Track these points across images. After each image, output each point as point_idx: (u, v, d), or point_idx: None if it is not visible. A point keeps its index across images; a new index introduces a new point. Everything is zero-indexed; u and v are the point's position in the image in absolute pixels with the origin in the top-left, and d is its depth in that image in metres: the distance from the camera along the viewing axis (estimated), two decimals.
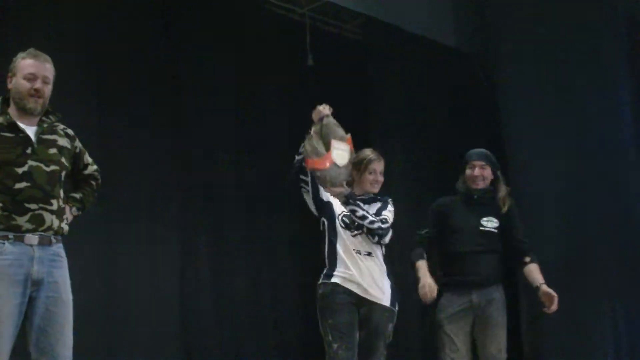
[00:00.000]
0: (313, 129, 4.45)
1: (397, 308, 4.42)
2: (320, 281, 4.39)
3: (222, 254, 6.90)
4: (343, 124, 4.67)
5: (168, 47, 6.82)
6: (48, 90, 3.59)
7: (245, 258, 7.06)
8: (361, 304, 4.32)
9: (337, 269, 4.36)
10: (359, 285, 4.31)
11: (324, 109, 4.53)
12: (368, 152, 4.60)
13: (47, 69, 3.59)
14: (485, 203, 4.84)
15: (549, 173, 7.90)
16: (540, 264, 5.83)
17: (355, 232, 4.39)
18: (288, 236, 7.41)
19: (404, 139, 8.31)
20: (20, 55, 3.61)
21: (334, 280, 4.33)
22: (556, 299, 4.64)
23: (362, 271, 4.33)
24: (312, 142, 4.38)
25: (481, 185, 4.85)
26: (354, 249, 4.37)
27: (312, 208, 4.56)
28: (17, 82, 3.53)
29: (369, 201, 4.52)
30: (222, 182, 7.05)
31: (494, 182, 4.90)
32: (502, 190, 4.88)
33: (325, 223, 4.49)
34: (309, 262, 7.48)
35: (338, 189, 4.32)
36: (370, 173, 4.53)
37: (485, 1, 8.66)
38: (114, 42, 6.36)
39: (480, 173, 4.84)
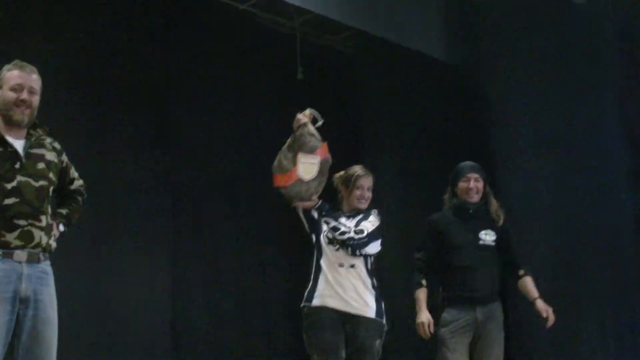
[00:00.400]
0: (288, 141, 4.39)
1: (385, 320, 4.40)
2: (304, 303, 4.39)
3: (212, 269, 6.89)
4: (333, 137, 4.66)
5: (158, 61, 6.82)
6: (35, 100, 3.53)
7: (235, 273, 7.05)
8: (346, 320, 4.30)
9: (318, 287, 4.35)
10: (341, 298, 4.29)
11: (302, 117, 4.49)
12: (357, 168, 4.61)
13: (33, 79, 3.54)
14: (480, 216, 4.82)
15: (538, 184, 7.93)
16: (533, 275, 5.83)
17: (337, 245, 4.37)
18: (277, 245, 7.40)
19: (394, 152, 8.32)
20: (6, 67, 3.56)
21: (315, 302, 4.32)
22: (552, 314, 4.69)
23: (344, 285, 4.31)
24: (280, 156, 4.35)
25: (476, 198, 4.82)
26: (337, 263, 4.35)
27: (305, 225, 4.53)
28: (3, 94, 3.48)
29: (353, 216, 4.52)
30: (212, 196, 7.05)
31: (486, 195, 4.88)
32: (494, 203, 4.87)
33: (314, 239, 4.49)
34: (299, 277, 7.50)
35: (307, 203, 4.31)
36: (357, 189, 4.54)
37: (475, 14, 8.67)
38: (106, 57, 6.35)
39: (475, 185, 4.81)
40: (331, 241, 4.38)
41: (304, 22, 7.90)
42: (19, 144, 3.49)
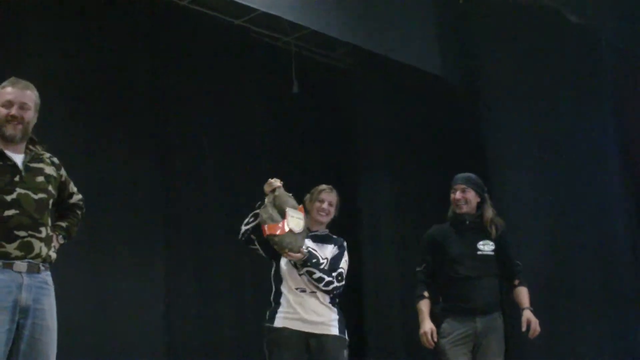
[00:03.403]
0: (266, 199, 4.52)
1: (346, 335, 4.48)
2: (266, 323, 4.46)
3: (207, 279, 6.90)
4: (328, 151, 4.74)
5: (153, 75, 6.86)
6: (27, 115, 3.56)
7: (230, 279, 7.06)
8: (309, 337, 4.38)
9: (280, 308, 4.43)
10: (304, 321, 4.39)
11: (275, 182, 4.59)
12: (322, 185, 4.76)
13: (27, 95, 3.57)
14: (478, 227, 4.83)
15: (533, 198, 7.97)
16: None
17: (302, 272, 4.44)
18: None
19: (390, 165, 8.36)
20: (3, 84, 3.61)
21: (277, 323, 4.40)
22: (537, 325, 4.68)
23: (306, 308, 4.41)
24: (267, 209, 4.46)
25: (465, 209, 4.83)
26: (299, 289, 4.44)
27: (262, 253, 4.62)
28: None
29: (323, 239, 4.62)
30: (207, 206, 7.07)
31: (481, 205, 4.89)
32: (488, 213, 4.87)
33: (274, 265, 4.57)
34: None
35: (296, 255, 4.38)
36: (319, 201, 4.66)
37: (471, 30, 8.74)
38: (100, 71, 6.39)
39: (461, 196, 4.83)
40: (295, 265, 4.44)
41: (299, 37, 7.95)
42: (18, 158, 3.54)
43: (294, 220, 4.46)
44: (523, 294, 4.81)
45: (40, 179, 3.57)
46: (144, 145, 6.67)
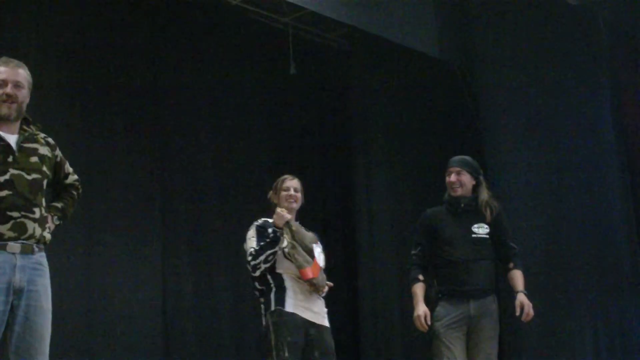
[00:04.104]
0: (286, 237, 4.54)
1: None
2: (276, 307, 4.49)
3: (204, 265, 6.90)
4: (325, 132, 4.72)
5: (149, 57, 6.82)
6: (22, 94, 3.55)
7: (227, 268, 7.05)
8: (309, 326, 4.48)
9: (288, 294, 4.51)
10: (311, 311, 4.51)
11: (285, 213, 4.60)
12: (283, 175, 4.84)
13: (20, 74, 3.56)
14: (473, 210, 4.80)
15: (528, 182, 7.97)
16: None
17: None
18: None
19: (386, 147, 8.34)
20: None
21: (288, 308, 4.47)
22: (530, 309, 4.65)
23: (309, 298, 4.53)
24: (300, 251, 4.51)
25: (459, 191, 4.80)
26: (299, 277, 4.52)
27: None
28: None
29: (313, 239, 4.69)
30: (204, 190, 7.06)
31: (476, 188, 4.86)
32: (484, 195, 4.83)
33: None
34: None
35: (325, 289, 4.60)
36: (285, 190, 4.73)
37: (468, 12, 8.71)
38: (96, 54, 6.35)
39: (456, 179, 4.80)
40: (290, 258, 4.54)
41: (296, 18, 7.91)
42: (11, 139, 3.51)
43: (320, 257, 4.61)
44: (517, 277, 4.77)
45: (34, 159, 3.54)
46: (140, 129, 6.64)
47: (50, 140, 3.72)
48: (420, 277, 4.76)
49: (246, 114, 7.52)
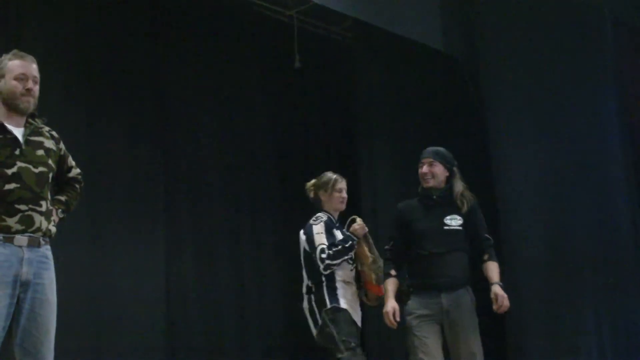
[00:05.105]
0: (365, 248, 4.77)
1: None
2: (332, 304, 4.67)
3: (207, 256, 6.90)
4: (330, 126, 4.74)
5: (153, 50, 6.82)
6: (37, 89, 3.63)
7: (230, 260, 7.06)
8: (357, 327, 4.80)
9: (340, 292, 4.73)
10: (356, 311, 4.79)
11: (363, 224, 4.84)
12: (330, 174, 5.00)
13: (35, 69, 3.64)
14: (446, 202, 4.69)
15: (532, 176, 7.97)
16: (522, 265, 5.70)
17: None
18: (273, 240, 7.41)
19: (390, 141, 8.33)
20: (6, 56, 3.63)
21: (342, 305, 4.69)
22: (505, 300, 4.48)
23: (355, 298, 4.82)
24: (379, 266, 4.77)
25: (431, 183, 4.71)
26: (348, 281, 4.77)
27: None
28: (8, 84, 3.56)
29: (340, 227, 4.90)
30: (208, 184, 7.06)
31: (450, 179, 4.75)
32: (458, 187, 4.72)
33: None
34: (294, 266, 7.53)
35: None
36: (338, 191, 4.93)
37: (473, 6, 8.71)
38: (100, 47, 6.35)
39: (428, 170, 4.73)
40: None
41: (301, 11, 7.90)
42: (18, 132, 3.55)
43: None
44: (492, 269, 4.61)
45: (40, 152, 3.58)
46: (143, 121, 6.64)
47: (54, 133, 3.76)
48: (392, 272, 4.67)
49: (250, 107, 7.52)
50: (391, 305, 4.55)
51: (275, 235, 7.41)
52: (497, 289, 4.50)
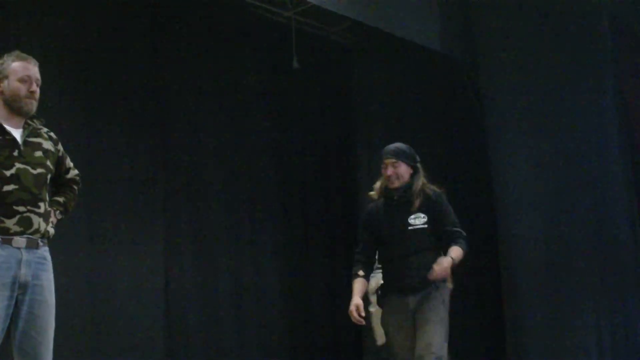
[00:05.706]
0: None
1: None
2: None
3: (206, 256, 6.89)
4: (328, 127, 4.71)
5: (153, 49, 6.81)
6: (38, 92, 3.63)
7: (229, 260, 7.06)
8: None
9: None
10: None
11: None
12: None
13: (37, 71, 3.63)
14: (409, 201, 4.56)
15: (531, 177, 7.97)
16: (522, 265, 5.62)
17: None
18: (272, 240, 7.41)
19: (389, 142, 8.28)
20: (9, 57, 3.62)
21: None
22: (441, 270, 4.27)
23: None
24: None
25: (397, 183, 4.59)
26: None
27: None
28: (12, 85, 3.54)
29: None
30: (206, 185, 7.05)
31: (413, 176, 4.64)
32: (417, 184, 4.59)
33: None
34: (293, 265, 7.54)
35: None
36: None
37: (471, 6, 8.71)
38: (98, 48, 6.34)
39: (392, 172, 4.62)
40: None
41: (299, 12, 7.90)
42: (17, 133, 3.54)
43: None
44: (452, 250, 4.39)
45: (39, 153, 3.57)
46: (141, 122, 6.63)
47: (52, 134, 3.75)
48: (360, 272, 4.57)
49: (248, 108, 7.51)
50: (354, 302, 4.43)
51: (274, 236, 7.40)
52: (443, 259, 4.33)
